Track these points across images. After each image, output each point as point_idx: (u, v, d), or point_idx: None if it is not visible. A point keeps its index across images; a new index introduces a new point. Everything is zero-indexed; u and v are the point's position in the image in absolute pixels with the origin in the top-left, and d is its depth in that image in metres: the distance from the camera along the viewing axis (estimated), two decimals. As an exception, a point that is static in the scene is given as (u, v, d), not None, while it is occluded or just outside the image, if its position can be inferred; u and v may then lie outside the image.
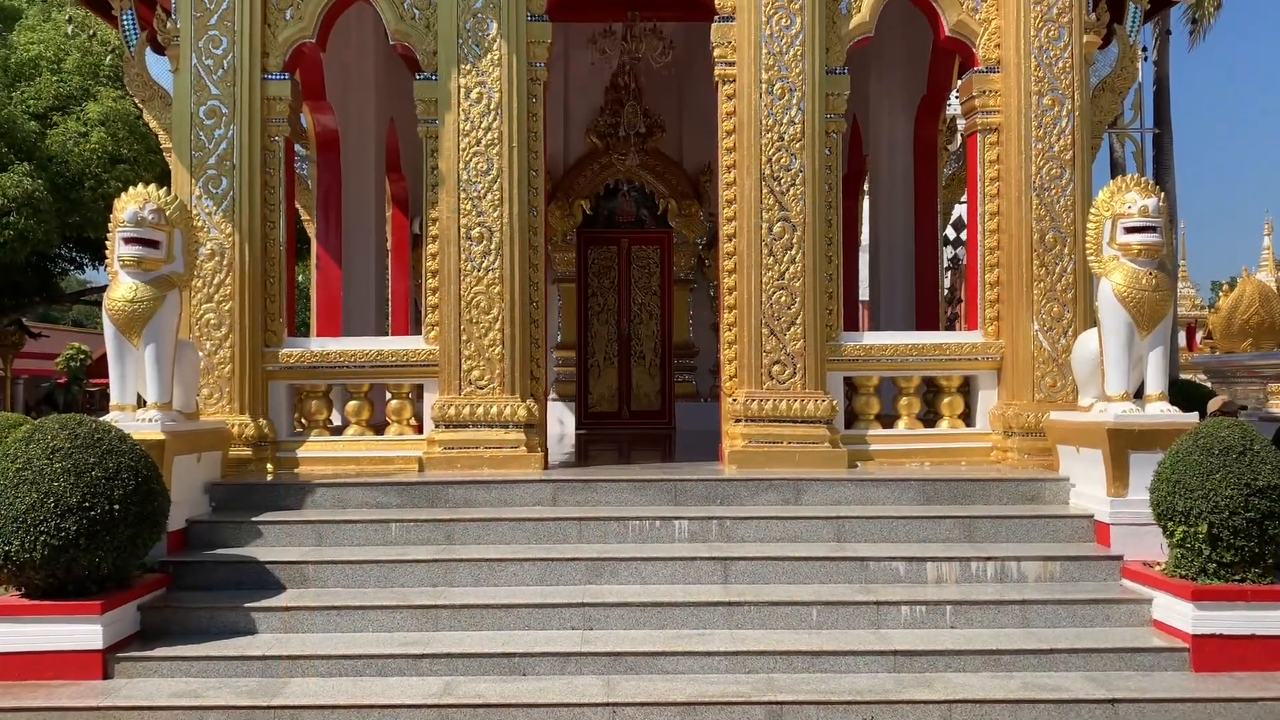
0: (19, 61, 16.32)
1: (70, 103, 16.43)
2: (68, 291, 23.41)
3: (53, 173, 15.74)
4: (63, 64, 16.54)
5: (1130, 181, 6.36)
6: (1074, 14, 7.27)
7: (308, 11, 7.40)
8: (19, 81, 16.22)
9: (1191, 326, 20.88)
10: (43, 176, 15.42)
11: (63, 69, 16.51)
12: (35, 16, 16.88)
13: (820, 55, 7.32)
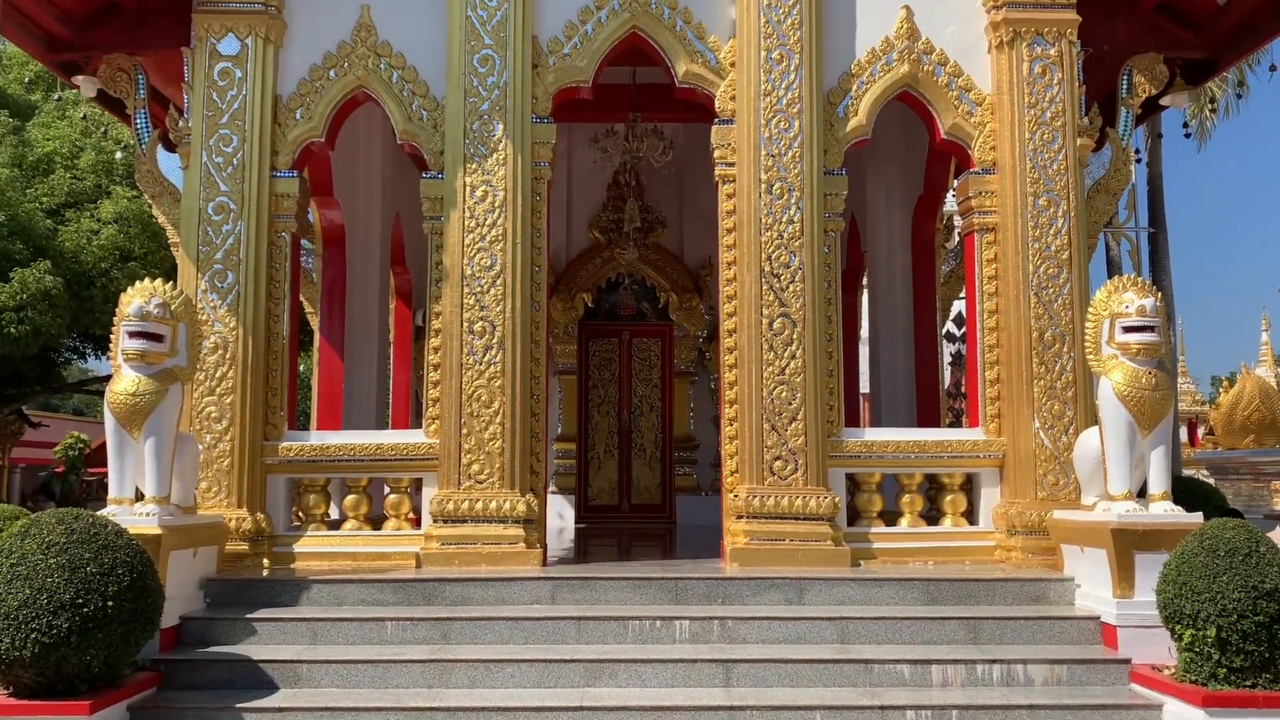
0: (34, 158, 16.63)
1: (83, 199, 16.71)
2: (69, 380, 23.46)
3: (64, 269, 15.94)
4: (77, 160, 16.87)
5: (1127, 281, 6.43)
6: (1067, 118, 7.45)
7: (317, 112, 7.57)
8: (34, 177, 16.52)
9: (1193, 422, 20.88)
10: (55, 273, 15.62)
11: (77, 165, 16.83)
12: (50, 113, 17.26)
13: (818, 156, 7.46)
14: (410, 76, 7.62)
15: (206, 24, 7.47)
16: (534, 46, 7.62)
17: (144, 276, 15.24)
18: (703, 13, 7.73)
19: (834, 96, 7.61)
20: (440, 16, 7.59)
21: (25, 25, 7.49)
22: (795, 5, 7.52)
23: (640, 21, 7.69)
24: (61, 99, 16.62)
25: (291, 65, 7.64)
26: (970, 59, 7.67)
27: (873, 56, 7.65)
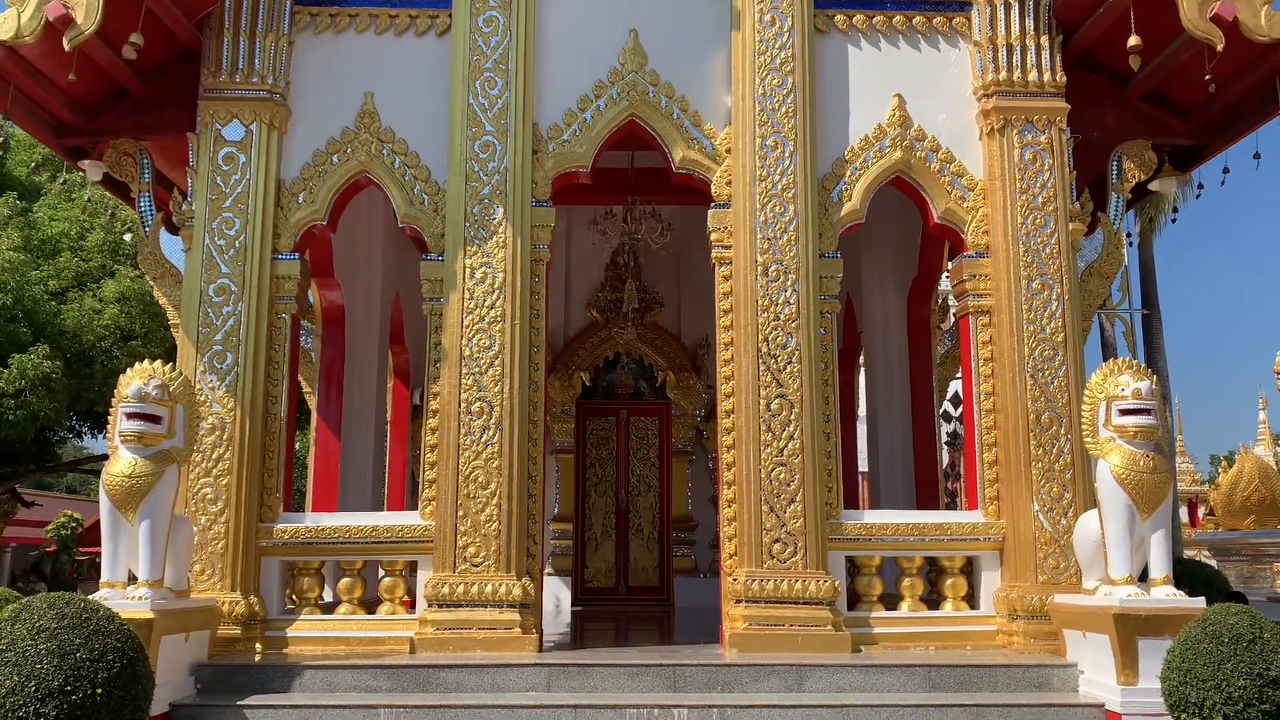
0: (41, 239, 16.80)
1: (88, 280, 16.84)
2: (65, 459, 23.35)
3: (65, 348, 15.98)
4: (84, 241, 17.04)
5: (1123, 364, 6.47)
6: (1059, 203, 7.57)
7: (320, 196, 7.68)
8: (41, 259, 16.66)
9: (1193, 502, 20.78)
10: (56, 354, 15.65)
11: (84, 246, 16.99)
12: (57, 195, 17.48)
13: (813, 240, 7.56)
14: (412, 161, 7.75)
15: (212, 110, 7.62)
16: (534, 133, 7.77)
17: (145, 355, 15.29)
18: (699, 101, 7.89)
19: (828, 182, 7.74)
20: (443, 103, 7.76)
21: (35, 112, 7.62)
22: (789, 94, 7.69)
23: (638, 110, 7.85)
24: (68, 182, 16.84)
25: (295, 150, 7.77)
26: (962, 145, 7.82)
27: (866, 143, 7.80)
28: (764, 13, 7.80)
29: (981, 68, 7.79)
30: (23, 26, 6.79)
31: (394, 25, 7.93)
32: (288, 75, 7.76)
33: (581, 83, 7.90)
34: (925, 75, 7.92)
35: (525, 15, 7.80)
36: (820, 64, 7.88)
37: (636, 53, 7.92)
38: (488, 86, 7.70)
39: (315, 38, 7.91)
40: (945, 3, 7.97)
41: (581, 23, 7.98)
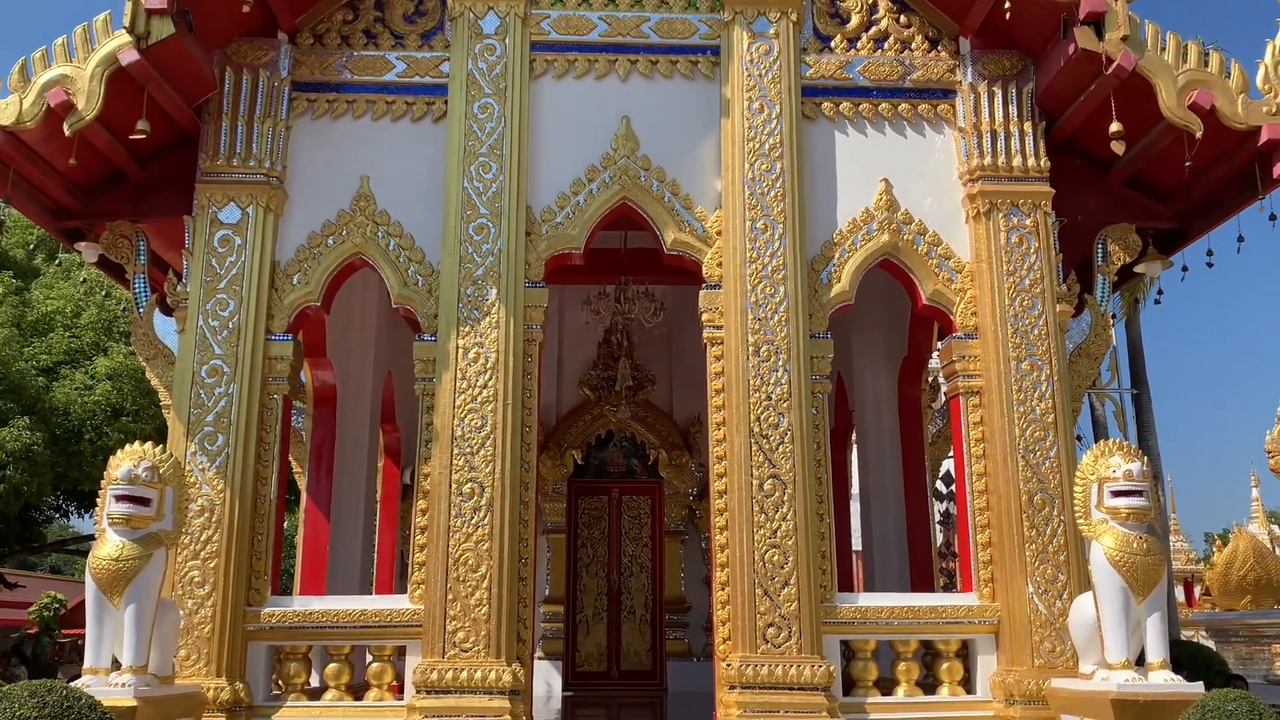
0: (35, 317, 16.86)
1: (80, 357, 16.85)
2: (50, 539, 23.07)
3: (54, 425, 15.92)
4: (78, 319, 17.09)
5: (1113, 445, 6.49)
6: (1046, 285, 7.66)
7: (314, 277, 7.74)
8: (33, 336, 16.68)
9: (1189, 582, 20.64)
10: (43, 429, 15.57)
11: (78, 324, 17.05)
12: (53, 274, 17.59)
13: (804, 321, 7.62)
14: (407, 244, 7.83)
15: (209, 193, 7.71)
16: (527, 215, 7.87)
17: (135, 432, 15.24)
18: (690, 185, 8.02)
19: (817, 263, 7.84)
20: (438, 186, 7.86)
21: (33, 195, 7.70)
22: (778, 179, 7.82)
23: (630, 193, 7.97)
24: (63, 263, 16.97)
25: (290, 232, 7.85)
26: (949, 228, 7.94)
27: (854, 226, 7.92)
28: (752, 100, 7.97)
29: (967, 153, 7.95)
30: (24, 112, 6.91)
31: (390, 111, 8.08)
32: (285, 159, 7.87)
33: (575, 167, 8.03)
34: (911, 160, 8.08)
35: (519, 102, 7.95)
36: (808, 149, 8.03)
37: (628, 138, 8.07)
38: (482, 170, 7.82)
39: (313, 123, 8.05)
40: (930, 91, 8.17)
41: (575, 109, 8.14)
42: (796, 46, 8.12)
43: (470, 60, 7.99)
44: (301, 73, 8.05)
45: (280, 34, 8.02)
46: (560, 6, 8.29)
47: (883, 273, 8.13)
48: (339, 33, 8.20)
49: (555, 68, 8.20)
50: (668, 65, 8.21)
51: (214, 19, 7.44)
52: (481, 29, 8.06)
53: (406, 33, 8.23)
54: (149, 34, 6.95)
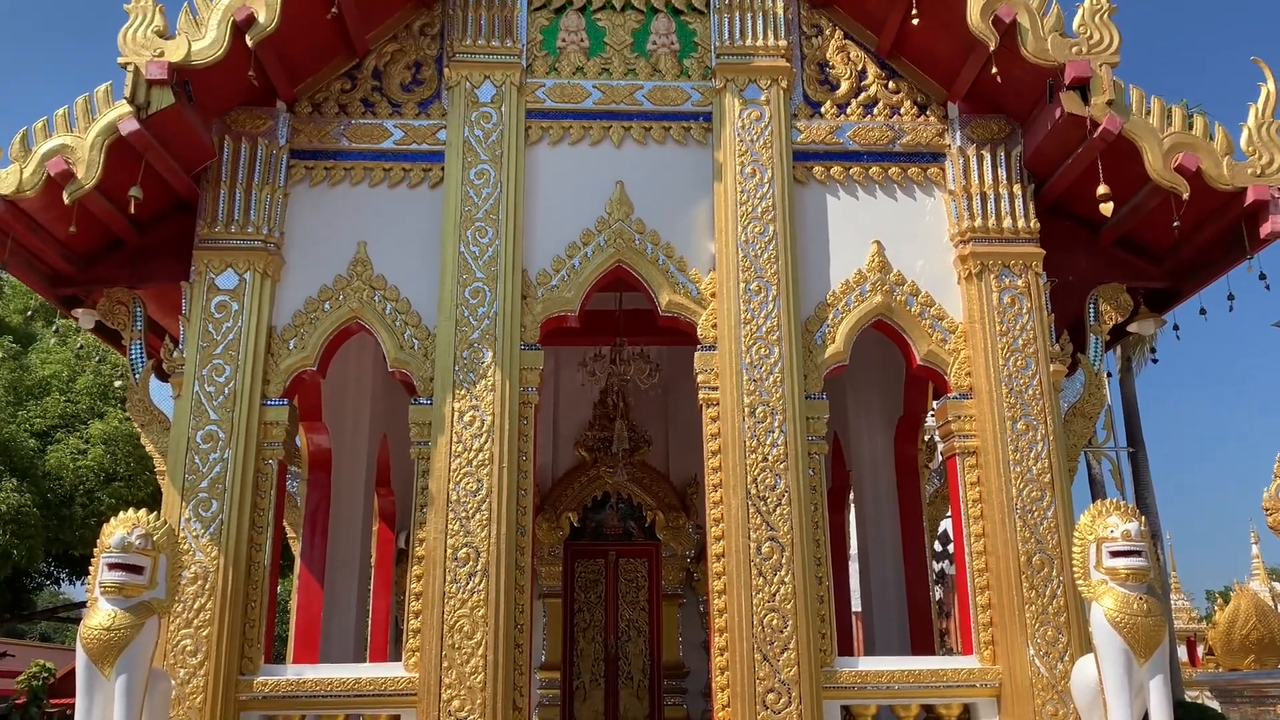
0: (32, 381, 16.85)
1: (75, 421, 16.81)
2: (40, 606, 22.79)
3: (45, 489, 15.82)
4: (74, 384, 17.09)
5: (1110, 505, 6.47)
6: (1039, 345, 7.70)
7: (311, 342, 7.76)
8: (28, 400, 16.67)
9: (1192, 641, 20.42)
10: (34, 493, 15.46)
11: (73, 388, 17.04)
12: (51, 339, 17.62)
13: (799, 381, 7.64)
14: (403, 308, 7.86)
15: (207, 260, 7.75)
16: (523, 279, 7.92)
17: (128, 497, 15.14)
18: (684, 247, 8.09)
19: (811, 325, 7.88)
20: (434, 251, 7.92)
21: (31, 262, 7.74)
22: (771, 241, 7.89)
23: (625, 256, 8.03)
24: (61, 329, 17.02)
25: (287, 297, 7.88)
26: (941, 289, 8.00)
27: (847, 287, 7.98)
28: (744, 165, 8.08)
29: (957, 215, 8.04)
30: (24, 181, 6.97)
31: (388, 178, 8.16)
32: (282, 225, 7.93)
33: (570, 231, 8.10)
34: (903, 222, 8.16)
35: (515, 168, 8.05)
36: (800, 212, 8.12)
37: (623, 202, 8.15)
38: (478, 235, 7.89)
39: (311, 189, 8.13)
40: (919, 154, 8.28)
41: (569, 174, 8.24)
42: (787, 112, 8.25)
43: (467, 128, 8.10)
44: (300, 140, 8.15)
45: (279, 103, 8.14)
46: (555, 75, 8.44)
47: (877, 333, 8.17)
48: (337, 101, 8.32)
49: (550, 134, 8.32)
50: (661, 131, 8.33)
51: (214, 89, 7.55)
52: (478, 97, 8.19)
53: (404, 101, 8.36)
54: (149, 104, 7.04)
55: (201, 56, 7.15)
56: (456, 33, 8.32)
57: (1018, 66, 7.51)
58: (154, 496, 7.35)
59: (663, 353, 11.60)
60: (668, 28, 8.61)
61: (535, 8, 8.57)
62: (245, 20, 7.23)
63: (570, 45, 8.54)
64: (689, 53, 8.55)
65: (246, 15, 7.24)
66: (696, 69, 8.49)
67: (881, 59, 8.51)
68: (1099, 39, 7.36)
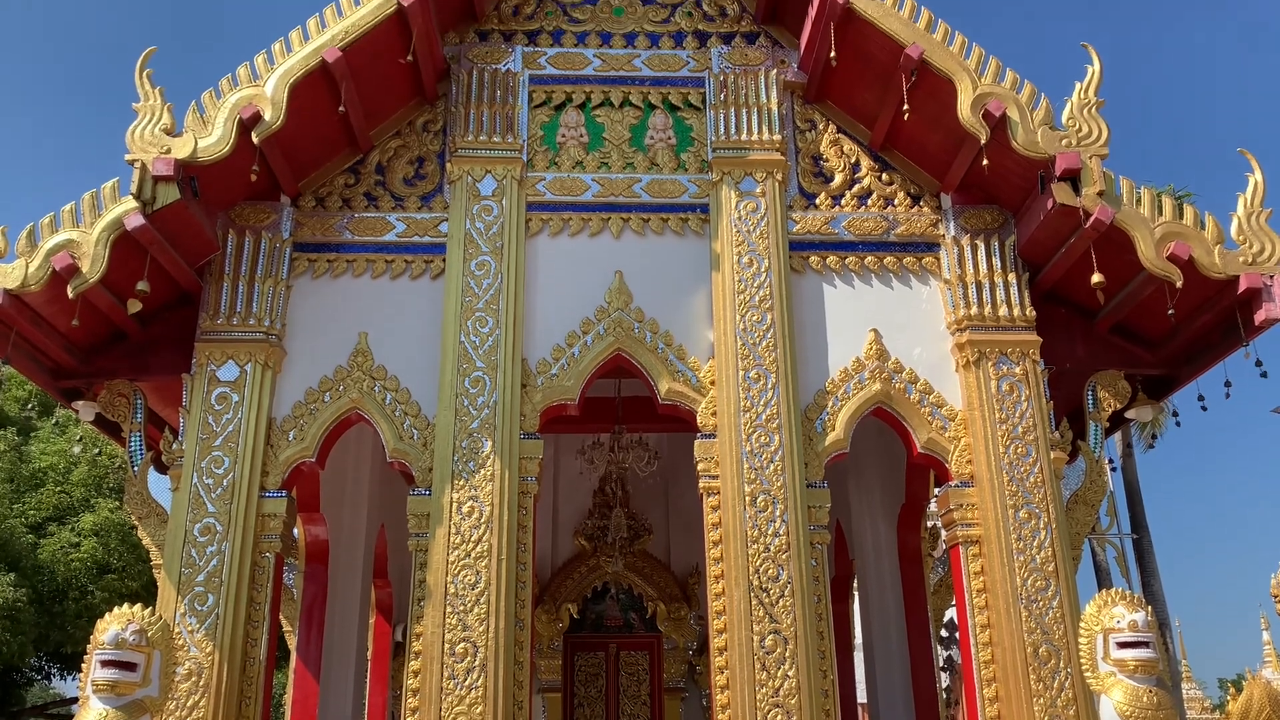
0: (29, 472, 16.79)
1: (69, 513, 16.70)
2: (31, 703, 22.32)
3: (38, 583, 15.63)
4: (69, 475, 17.01)
5: (1116, 595, 6.39)
6: (1038, 432, 7.70)
7: (310, 433, 7.76)
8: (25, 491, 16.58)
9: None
10: (27, 586, 15.27)
11: (69, 480, 16.96)
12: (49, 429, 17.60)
13: (800, 470, 7.62)
14: (403, 397, 7.88)
15: (208, 352, 7.79)
16: (523, 368, 7.95)
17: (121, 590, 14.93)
18: (682, 335, 8.14)
19: (811, 412, 7.88)
20: (434, 341, 7.97)
21: (34, 355, 7.76)
22: (769, 329, 7.95)
23: (624, 345, 8.08)
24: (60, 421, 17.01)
25: (288, 388, 7.90)
26: (940, 377, 8.03)
27: (846, 375, 8.00)
28: (742, 255, 8.18)
29: (953, 303, 8.11)
30: (30, 276, 7.04)
31: (390, 269, 8.25)
32: (284, 317, 8.00)
33: (569, 320, 8.17)
34: (899, 310, 8.23)
35: (515, 259, 8.15)
36: (798, 301, 8.19)
37: (622, 291, 8.23)
38: (479, 325, 7.95)
39: (313, 281, 8.22)
40: (914, 244, 8.39)
41: (569, 264, 8.34)
42: (783, 204, 8.38)
43: (468, 220, 8.22)
44: (303, 234, 8.27)
45: (283, 197, 8.28)
46: (555, 169, 8.59)
47: (877, 420, 8.17)
48: (341, 195, 8.46)
49: (550, 226, 8.44)
50: (659, 222, 8.46)
51: (219, 185, 7.68)
52: (479, 191, 8.33)
53: (406, 195, 8.50)
54: (155, 199, 7.16)
55: (207, 153, 7.30)
56: (459, 129, 8.50)
57: (1009, 158, 7.66)
58: (148, 587, 7.27)
59: (662, 440, 11.57)
60: (665, 123, 8.80)
61: (536, 105, 8.78)
62: (251, 118, 7.40)
63: (570, 140, 8.72)
64: (686, 147, 8.73)
65: (253, 113, 7.40)
66: (693, 162, 8.66)
67: (874, 152, 8.68)
68: (1088, 132, 7.52)
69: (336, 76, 7.73)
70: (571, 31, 9.06)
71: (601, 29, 9.08)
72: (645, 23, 9.11)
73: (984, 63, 7.72)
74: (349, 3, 7.89)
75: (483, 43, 8.94)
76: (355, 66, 7.85)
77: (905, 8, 7.88)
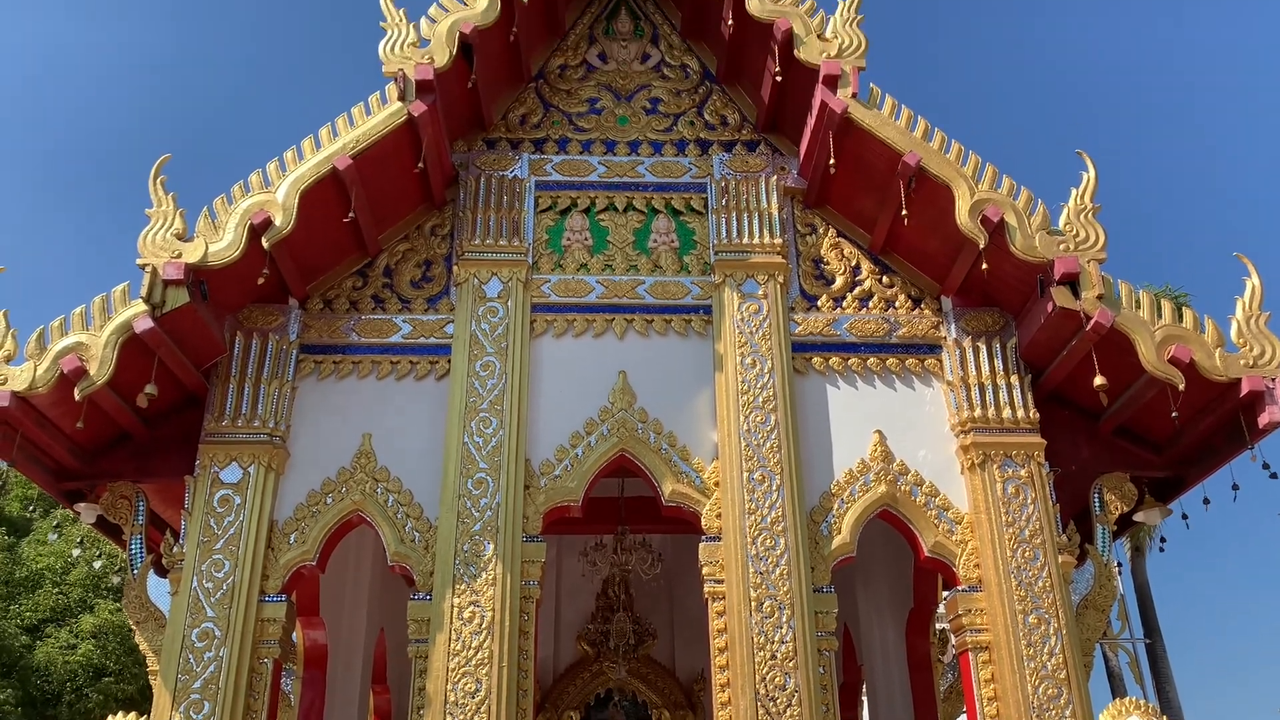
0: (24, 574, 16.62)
1: (66, 615, 16.47)
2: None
3: (32, 686, 15.33)
4: (67, 576, 16.84)
5: (1130, 705, 6.27)
6: (1046, 535, 7.62)
7: (311, 536, 7.70)
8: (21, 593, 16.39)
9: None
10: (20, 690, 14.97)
11: (66, 581, 16.77)
12: (46, 530, 17.48)
13: (806, 574, 7.53)
14: (405, 499, 7.84)
15: (212, 453, 7.78)
16: (526, 469, 7.93)
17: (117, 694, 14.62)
18: (686, 436, 8.14)
19: (816, 515, 7.83)
20: (438, 442, 7.96)
21: (38, 458, 7.75)
22: (773, 430, 7.94)
23: (628, 445, 8.07)
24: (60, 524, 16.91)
25: (290, 491, 7.87)
26: (945, 479, 7.99)
27: (851, 477, 7.97)
28: (745, 355, 8.23)
29: (956, 405, 8.12)
30: (37, 378, 7.08)
31: (395, 371, 8.30)
32: (289, 419, 8.01)
33: (573, 420, 8.17)
34: (903, 412, 8.24)
35: (520, 359, 8.20)
36: (801, 402, 8.21)
37: (625, 392, 8.26)
38: (483, 426, 7.95)
39: (318, 383, 8.26)
40: (916, 346, 8.44)
41: (573, 365, 8.38)
42: (784, 305, 8.46)
43: (474, 322, 8.30)
44: (310, 336, 8.34)
45: (291, 299, 8.38)
46: (560, 271, 8.71)
47: (883, 523, 8.11)
48: (348, 298, 8.56)
49: (555, 327, 8.51)
50: (662, 324, 8.53)
51: (228, 288, 7.78)
52: (485, 293, 8.43)
53: (413, 297, 8.59)
54: (164, 302, 7.25)
55: (218, 258, 7.42)
56: (466, 233, 8.65)
57: (1007, 262, 7.75)
58: (143, 692, 7.16)
59: (666, 541, 11.46)
60: (668, 227, 8.95)
61: (542, 209, 8.95)
62: (262, 223, 7.54)
63: (575, 243, 8.86)
64: (688, 249, 8.86)
65: (264, 219, 7.55)
66: (696, 264, 8.77)
67: (874, 255, 8.80)
68: (1085, 237, 7.63)
69: (347, 183, 7.90)
70: (577, 139, 9.29)
71: (606, 137, 9.30)
72: (649, 131, 9.35)
73: (980, 169, 7.88)
74: (360, 112, 8.10)
75: (490, 150, 9.16)
76: (365, 173, 8.02)
77: (902, 117, 8.08)
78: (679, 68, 9.73)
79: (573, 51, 9.80)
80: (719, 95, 9.57)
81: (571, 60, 9.75)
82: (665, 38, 9.87)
